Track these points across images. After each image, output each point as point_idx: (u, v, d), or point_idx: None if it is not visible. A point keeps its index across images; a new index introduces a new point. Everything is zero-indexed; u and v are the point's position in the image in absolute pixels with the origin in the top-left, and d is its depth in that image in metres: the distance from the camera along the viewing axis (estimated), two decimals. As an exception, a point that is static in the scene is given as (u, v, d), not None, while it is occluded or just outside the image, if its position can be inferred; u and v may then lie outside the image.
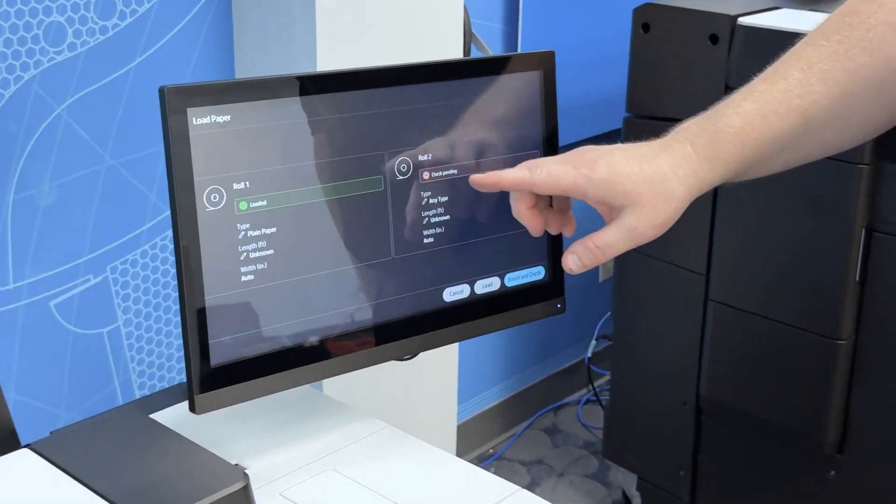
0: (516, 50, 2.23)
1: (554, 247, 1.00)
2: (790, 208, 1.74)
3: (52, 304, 1.58)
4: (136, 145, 1.60)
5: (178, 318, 1.74)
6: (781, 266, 1.78)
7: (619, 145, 0.87)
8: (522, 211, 0.89)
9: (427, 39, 1.68)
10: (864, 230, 1.68)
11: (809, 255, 1.73)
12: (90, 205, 1.58)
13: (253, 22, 1.62)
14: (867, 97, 0.86)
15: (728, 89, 1.77)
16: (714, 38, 1.80)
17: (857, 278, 1.70)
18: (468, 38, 1.83)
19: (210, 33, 1.64)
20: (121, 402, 1.70)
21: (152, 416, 0.91)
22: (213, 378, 0.82)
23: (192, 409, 0.82)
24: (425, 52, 1.67)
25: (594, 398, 2.62)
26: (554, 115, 0.98)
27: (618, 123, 2.10)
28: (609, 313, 2.37)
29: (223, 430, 0.92)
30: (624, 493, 2.19)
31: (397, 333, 0.92)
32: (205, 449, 0.78)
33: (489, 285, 0.97)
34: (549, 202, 0.91)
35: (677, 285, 1.93)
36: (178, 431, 0.84)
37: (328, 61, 1.53)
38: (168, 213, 1.66)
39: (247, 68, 1.66)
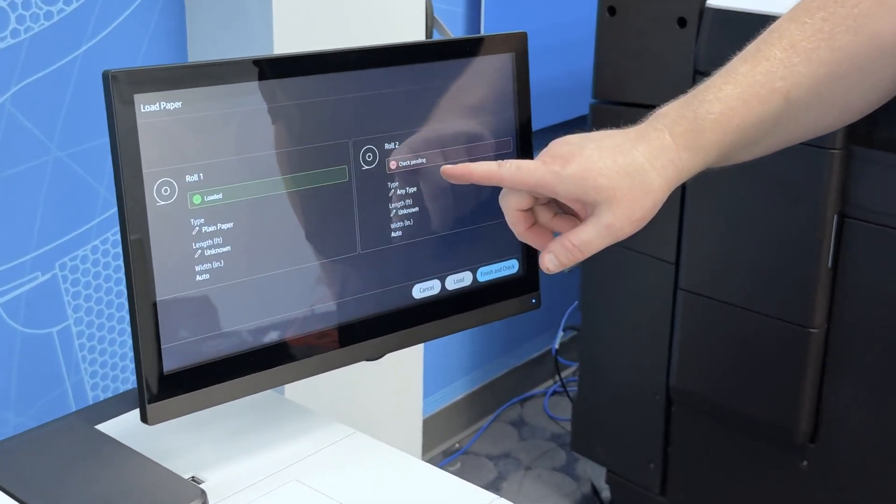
0: (479, 31, 2.17)
1: (528, 239, 0.95)
2: (761, 195, 1.71)
3: (-2, 303, 1.51)
4: (85, 136, 1.53)
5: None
6: (752, 254, 1.74)
7: (592, 135, 0.81)
8: (511, 211, 0.83)
9: (388, 24, 1.62)
10: (836, 216, 1.65)
11: (781, 242, 1.70)
12: (36, 199, 1.50)
13: (206, 5, 1.56)
14: (853, 77, 0.81)
15: (697, 73, 1.76)
16: (682, 22, 1.76)
17: (830, 265, 1.67)
18: (430, 22, 1.77)
19: (161, 18, 1.58)
20: (73, 405, 1.63)
21: (101, 426, 0.84)
22: (166, 385, 0.76)
23: (144, 419, 0.76)
24: (386, 37, 1.62)
25: (561, 389, 2.58)
26: (527, 100, 0.93)
27: (584, 109, 2.06)
28: (576, 303, 2.33)
29: (177, 440, 0.86)
30: (593, 487, 2.15)
31: (365, 333, 0.87)
32: (157, 464, 0.72)
33: (461, 280, 0.92)
34: (554, 210, 0.84)
35: (646, 274, 1.89)
36: (129, 443, 0.78)
37: (284, 43, 1.47)
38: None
39: (200, 54, 1.59)
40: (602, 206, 0.79)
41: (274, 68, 0.80)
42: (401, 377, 1.84)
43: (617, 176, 0.78)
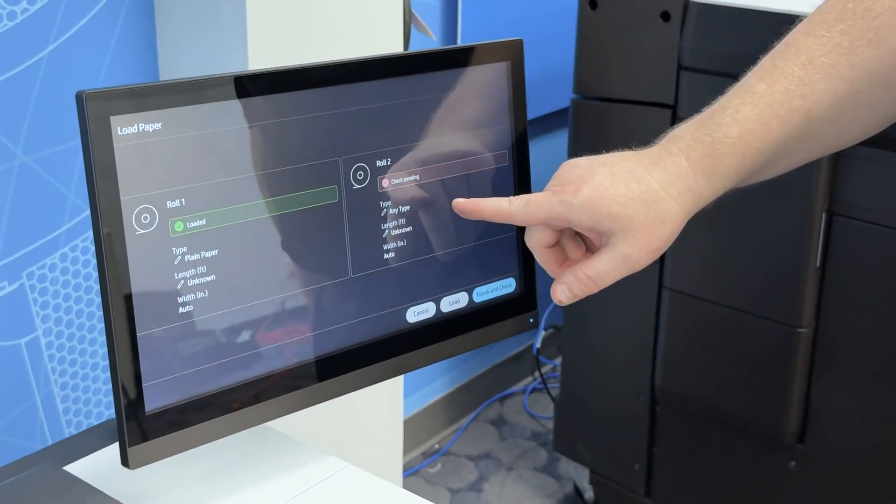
0: (456, 28, 2.12)
1: (525, 256, 0.91)
2: (748, 192, 1.66)
3: (-37, 315, 1.44)
4: (51, 140, 1.47)
5: (103, 325, 1.61)
6: (739, 252, 1.71)
7: (603, 159, 0.77)
8: (538, 249, 0.79)
9: (365, 19, 1.57)
10: (824, 214, 1.62)
11: (768, 240, 1.67)
12: (2, 206, 1.44)
13: (176, 2, 1.49)
14: (874, 92, 0.77)
15: (681, 69, 1.72)
16: (666, 16, 1.72)
17: (818, 264, 1.64)
18: (408, 17, 1.72)
19: (129, 15, 1.51)
20: (43, 418, 1.57)
21: (71, 466, 0.79)
22: (149, 426, 0.71)
23: (125, 463, 0.71)
24: (363, 32, 1.56)
25: (540, 386, 2.54)
26: (523, 110, 0.89)
27: (564, 103, 2.02)
28: (556, 301, 2.29)
29: (156, 480, 0.80)
30: (576, 487, 2.12)
31: (357, 362, 0.82)
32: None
33: (456, 302, 0.87)
34: (585, 247, 0.81)
35: (631, 273, 1.85)
36: (103, 486, 0.73)
37: (259, 42, 1.42)
38: (88, 212, 1.54)
39: (171, 54, 1.53)
40: (618, 236, 0.75)
41: (259, 85, 0.75)
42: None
43: (632, 204, 0.74)
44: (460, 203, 0.79)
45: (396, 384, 1.83)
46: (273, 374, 0.77)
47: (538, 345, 2.42)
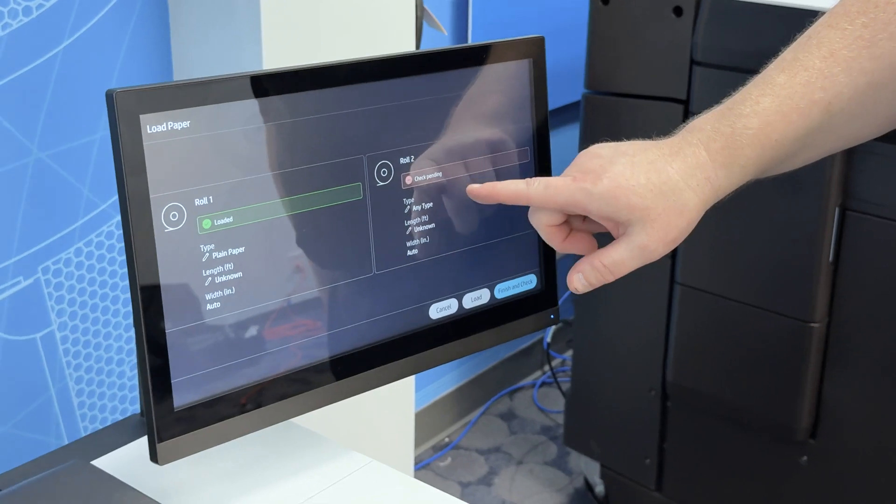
0: (467, 23, 2.12)
1: (546, 253, 0.91)
2: (760, 187, 1.66)
3: (-22, 309, 1.45)
4: (66, 135, 1.47)
5: (117, 319, 1.62)
6: (752, 247, 1.71)
7: (623, 147, 0.77)
8: (543, 227, 0.79)
9: (377, 14, 1.57)
10: (837, 209, 1.62)
11: (781, 235, 1.67)
12: (18, 201, 1.45)
13: (191, -1, 1.50)
14: (895, 86, 0.78)
15: (694, 64, 1.72)
16: (678, 10, 1.72)
17: (831, 259, 1.64)
18: (420, 12, 1.72)
19: (143, 11, 1.52)
20: (58, 412, 1.57)
21: (100, 460, 0.79)
22: (177, 423, 0.72)
23: (154, 458, 0.71)
24: (375, 27, 1.57)
25: (550, 380, 2.55)
26: (544, 107, 0.89)
27: (575, 97, 2.02)
28: (567, 294, 2.29)
29: (186, 473, 0.81)
30: (586, 481, 2.13)
31: (380, 358, 0.82)
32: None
33: (478, 298, 0.88)
34: (582, 217, 0.81)
35: (642, 269, 1.85)
36: (130, 481, 0.73)
37: (273, 39, 1.42)
38: (102, 207, 1.55)
39: (184, 48, 1.53)
40: (635, 226, 0.75)
41: (284, 83, 0.75)
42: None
43: (651, 195, 0.74)
44: (475, 188, 0.79)
45: (408, 379, 1.83)
46: (298, 370, 0.78)
47: (548, 339, 2.42)
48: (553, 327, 2.44)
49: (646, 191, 0.74)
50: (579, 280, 0.78)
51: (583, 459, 2.10)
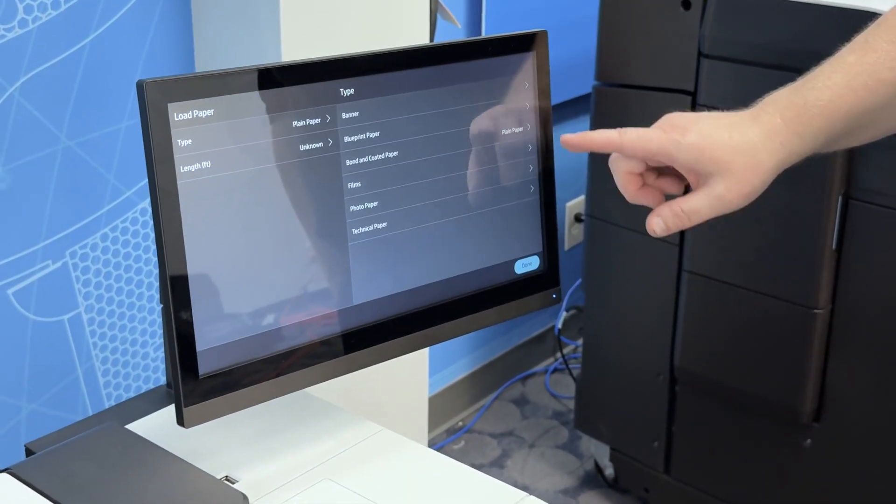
0: (480, 17, 2.17)
1: (549, 235, 0.96)
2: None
3: (9, 292, 1.51)
4: (93, 125, 1.53)
5: (142, 303, 1.68)
6: (757, 236, 1.75)
7: (706, 113, 0.85)
8: (623, 174, 0.85)
9: (392, 8, 1.62)
10: (840, 198, 1.66)
11: (786, 224, 1.71)
12: (47, 188, 1.50)
13: (213, -7, 1.55)
14: None
15: (702, 56, 1.76)
16: (686, 4, 1.76)
17: (834, 247, 1.68)
18: (434, 5, 1.77)
19: (167, 4, 1.57)
20: (85, 392, 1.64)
21: (130, 425, 0.85)
22: (202, 389, 0.77)
23: (181, 422, 0.77)
24: (390, 20, 1.61)
25: (562, 367, 2.60)
26: (547, 100, 0.94)
27: (586, 89, 2.06)
28: (578, 282, 2.34)
29: (209, 439, 0.87)
30: (597, 464, 2.18)
31: (394, 332, 0.88)
32: (198, 469, 0.73)
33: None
34: (656, 174, 0.87)
35: (651, 255, 1.91)
36: (160, 443, 0.79)
37: (291, 31, 1.47)
38: (128, 194, 1.61)
39: (206, 41, 1.59)
40: (716, 178, 0.82)
41: (304, 74, 0.81)
42: (406, 357, 1.84)
43: (732, 151, 0.81)
44: (569, 137, 0.84)
45: (422, 363, 1.88)
46: (316, 341, 0.83)
47: (559, 326, 2.47)
48: (564, 314, 2.48)
49: (728, 147, 0.81)
50: (658, 224, 0.84)
51: (593, 443, 2.15)
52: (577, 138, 0.85)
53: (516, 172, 0.92)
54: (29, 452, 0.82)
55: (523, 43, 0.92)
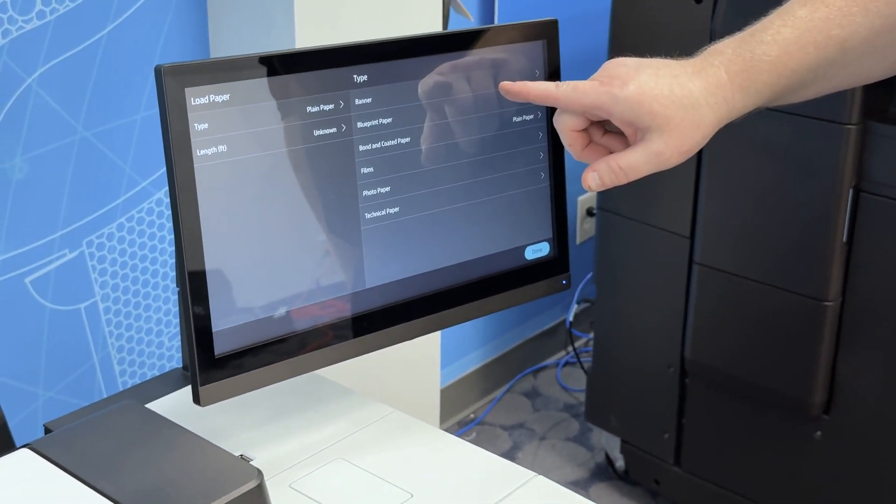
0: (493, 11, 2.18)
1: (559, 221, 0.97)
2: (776, 169, 1.73)
3: (27, 280, 1.53)
4: (110, 115, 1.55)
5: (157, 292, 1.70)
6: (768, 228, 1.76)
7: (648, 61, 0.82)
8: (566, 132, 0.84)
9: (406, 1, 1.63)
10: (851, 191, 1.66)
11: (796, 216, 1.72)
12: (64, 178, 1.53)
13: (228, -15, 1.57)
14: None
15: (713, 50, 1.77)
16: (698, -2, 1.77)
17: (845, 240, 1.69)
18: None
19: (182, -3, 1.59)
20: (101, 380, 1.66)
21: (149, 406, 0.87)
22: (217, 369, 0.79)
23: (197, 400, 0.78)
24: (404, 13, 1.63)
25: (573, 360, 2.61)
26: (558, 87, 0.95)
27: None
28: (590, 275, 2.35)
29: (225, 419, 0.89)
30: (607, 456, 2.19)
31: (405, 315, 0.89)
32: (214, 445, 0.75)
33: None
34: (604, 128, 0.85)
35: (661, 248, 1.92)
36: (178, 422, 0.80)
37: (305, 21, 1.48)
38: (143, 184, 1.62)
39: (222, 31, 1.60)
40: (653, 133, 0.79)
41: (319, 60, 0.82)
42: (418, 348, 1.86)
43: (672, 106, 0.79)
44: (507, 84, 0.84)
45: (434, 355, 1.90)
46: (329, 324, 0.85)
47: (571, 319, 2.48)
48: (575, 307, 2.49)
49: (668, 101, 0.79)
50: (594, 179, 0.82)
51: (604, 435, 2.16)
52: (515, 86, 0.83)
53: (527, 159, 0.94)
54: (48, 432, 0.84)
55: (534, 31, 0.93)
